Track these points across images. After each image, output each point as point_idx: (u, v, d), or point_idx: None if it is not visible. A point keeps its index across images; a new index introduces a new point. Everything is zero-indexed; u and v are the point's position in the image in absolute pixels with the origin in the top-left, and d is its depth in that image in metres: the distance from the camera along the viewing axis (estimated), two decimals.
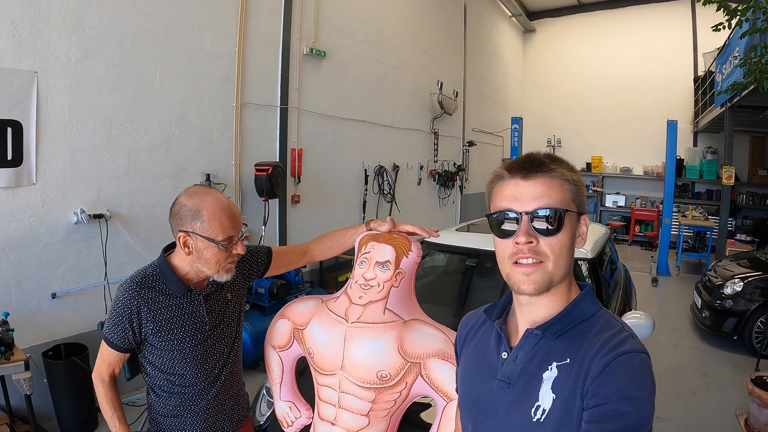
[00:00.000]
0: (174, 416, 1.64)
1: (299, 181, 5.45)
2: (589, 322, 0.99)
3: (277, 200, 5.03)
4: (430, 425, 1.57)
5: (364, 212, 6.58)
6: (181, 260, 1.56)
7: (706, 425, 3.77)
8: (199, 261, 1.51)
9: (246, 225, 4.79)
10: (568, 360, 0.95)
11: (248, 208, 4.81)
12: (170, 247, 1.62)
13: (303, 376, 1.90)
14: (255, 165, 4.64)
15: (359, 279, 1.57)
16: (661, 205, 10.53)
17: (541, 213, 0.96)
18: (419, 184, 7.94)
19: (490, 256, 3.36)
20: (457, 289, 3.40)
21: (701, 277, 6.01)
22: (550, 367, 0.96)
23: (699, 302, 5.65)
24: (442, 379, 1.48)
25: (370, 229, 1.68)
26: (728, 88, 5.70)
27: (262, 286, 4.58)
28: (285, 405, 1.83)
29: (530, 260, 0.97)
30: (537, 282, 0.97)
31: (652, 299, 7.07)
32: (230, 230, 1.49)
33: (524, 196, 0.98)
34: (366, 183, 6.56)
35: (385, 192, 6.92)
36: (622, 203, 11.47)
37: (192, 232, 1.47)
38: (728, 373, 4.66)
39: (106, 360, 1.57)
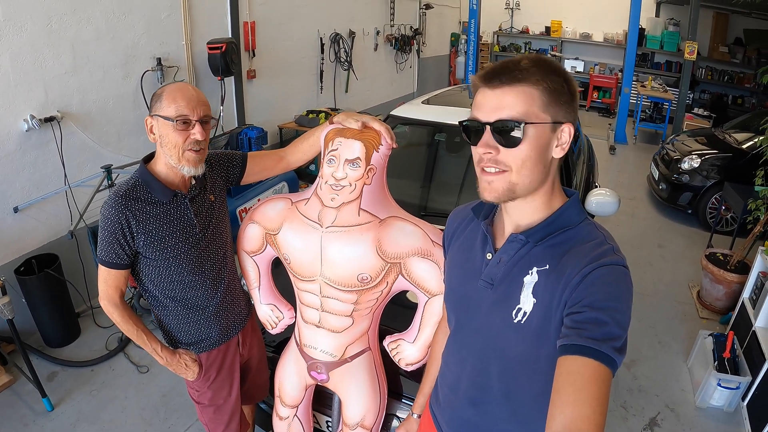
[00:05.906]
0: (186, 323, 1.68)
1: (254, 55, 5.21)
2: (572, 231, 1.01)
3: (233, 78, 4.87)
4: (415, 305, 1.58)
5: (321, 81, 6.46)
6: (160, 164, 1.55)
7: (661, 295, 4.04)
8: (164, 149, 1.50)
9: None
10: (548, 266, 0.97)
11: (204, 89, 4.54)
12: (150, 158, 1.59)
13: (279, 269, 1.86)
14: (207, 43, 4.38)
15: (329, 179, 1.47)
16: (619, 73, 10.43)
17: (500, 126, 0.93)
18: (376, 50, 7.72)
19: (458, 131, 3.27)
20: (425, 163, 3.31)
21: (659, 150, 6.10)
22: (530, 272, 0.99)
23: (656, 174, 5.80)
24: (422, 276, 1.48)
25: (334, 123, 1.56)
26: None
27: None
28: (266, 308, 1.83)
29: (492, 169, 0.97)
30: (497, 190, 0.97)
31: (610, 167, 7.25)
32: (184, 109, 1.46)
33: (487, 106, 0.95)
34: (322, 51, 6.38)
35: (342, 60, 6.81)
36: (581, 69, 11.34)
37: (153, 114, 1.49)
38: (682, 246, 4.93)
39: (111, 283, 1.54)
